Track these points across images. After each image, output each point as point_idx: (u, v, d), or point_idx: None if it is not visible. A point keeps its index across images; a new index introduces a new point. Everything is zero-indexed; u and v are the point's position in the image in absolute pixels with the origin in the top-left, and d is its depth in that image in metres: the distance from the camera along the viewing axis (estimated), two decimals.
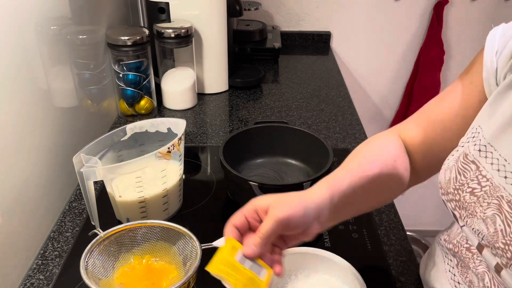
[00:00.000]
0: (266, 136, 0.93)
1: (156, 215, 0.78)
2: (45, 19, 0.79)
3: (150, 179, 0.73)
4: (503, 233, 0.46)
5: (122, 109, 1.14)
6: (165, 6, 1.17)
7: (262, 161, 0.94)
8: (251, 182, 0.75)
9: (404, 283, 0.69)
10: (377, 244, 0.76)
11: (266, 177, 0.89)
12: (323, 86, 1.38)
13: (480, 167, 0.49)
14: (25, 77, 0.72)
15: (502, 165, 0.47)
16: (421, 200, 2.02)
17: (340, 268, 0.64)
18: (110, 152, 0.76)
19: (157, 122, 0.81)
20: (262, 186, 0.75)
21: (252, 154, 0.93)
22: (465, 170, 0.51)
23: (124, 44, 1.03)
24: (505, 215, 0.46)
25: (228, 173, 0.79)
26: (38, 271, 0.71)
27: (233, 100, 1.28)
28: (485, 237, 0.48)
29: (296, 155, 0.93)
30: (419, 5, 1.65)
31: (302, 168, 0.92)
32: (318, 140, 0.87)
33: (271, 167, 0.92)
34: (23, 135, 0.72)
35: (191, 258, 0.63)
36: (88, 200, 0.68)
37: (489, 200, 0.48)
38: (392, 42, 1.73)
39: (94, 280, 0.59)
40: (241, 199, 0.83)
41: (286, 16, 1.71)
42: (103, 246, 0.63)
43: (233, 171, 0.79)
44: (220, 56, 1.27)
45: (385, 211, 0.84)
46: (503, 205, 0.46)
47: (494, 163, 0.48)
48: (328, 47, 1.72)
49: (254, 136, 0.92)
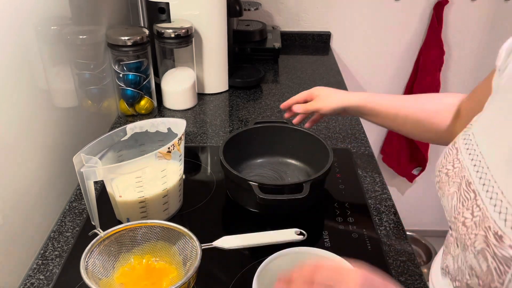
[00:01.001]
0: (266, 136, 0.93)
1: (156, 215, 0.78)
2: (45, 19, 0.79)
3: (150, 179, 0.74)
4: (454, 213, 0.50)
5: (122, 109, 1.14)
6: (165, 6, 1.17)
7: (262, 161, 0.94)
8: (251, 182, 0.75)
9: (404, 283, 0.69)
10: (377, 244, 0.76)
11: (266, 177, 0.89)
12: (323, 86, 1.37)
13: (459, 151, 0.54)
14: (25, 77, 0.72)
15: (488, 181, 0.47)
16: (421, 200, 2.02)
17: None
18: (110, 152, 0.76)
19: (157, 122, 0.81)
20: (262, 186, 0.75)
21: (252, 154, 0.93)
22: (448, 155, 0.56)
23: (124, 44, 1.03)
24: (461, 196, 0.50)
25: (228, 173, 0.79)
26: (38, 271, 0.71)
27: (233, 100, 1.28)
28: (447, 211, 0.53)
29: (296, 155, 0.93)
30: (419, 5, 1.65)
31: (302, 168, 0.92)
32: (318, 140, 0.88)
33: (271, 167, 0.92)
34: (23, 135, 0.72)
35: (191, 258, 0.63)
36: (88, 200, 0.68)
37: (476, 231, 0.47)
38: (392, 42, 1.73)
39: (94, 280, 0.59)
40: (241, 199, 0.83)
41: (286, 16, 1.71)
42: (103, 246, 0.64)
43: (233, 171, 0.79)
44: (220, 56, 1.27)
45: (385, 211, 0.84)
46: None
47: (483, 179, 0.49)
48: (328, 47, 1.72)
49: (254, 136, 0.92)
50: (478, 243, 0.45)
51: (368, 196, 0.88)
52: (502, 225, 0.42)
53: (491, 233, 0.43)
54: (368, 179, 0.94)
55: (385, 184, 0.92)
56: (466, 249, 0.47)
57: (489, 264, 0.43)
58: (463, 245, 0.48)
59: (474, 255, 0.46)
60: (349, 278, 0.48)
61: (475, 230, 0.46)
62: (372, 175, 0.95)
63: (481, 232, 0.45)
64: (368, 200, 0.87)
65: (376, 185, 0.92)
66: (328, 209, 0.84)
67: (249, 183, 0.75)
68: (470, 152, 0.52)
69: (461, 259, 0.50)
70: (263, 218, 0.82)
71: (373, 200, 0.87)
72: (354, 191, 0.89)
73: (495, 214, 0.43)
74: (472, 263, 0.46)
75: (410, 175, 1.91)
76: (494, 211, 0.44)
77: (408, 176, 1.92)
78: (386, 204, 0.86)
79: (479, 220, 0.45)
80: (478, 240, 0.45)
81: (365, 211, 0.84)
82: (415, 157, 1.86)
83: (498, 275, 0.42)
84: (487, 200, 0.45)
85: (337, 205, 0.85)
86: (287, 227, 0.72)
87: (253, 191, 0.74)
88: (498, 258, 0.42)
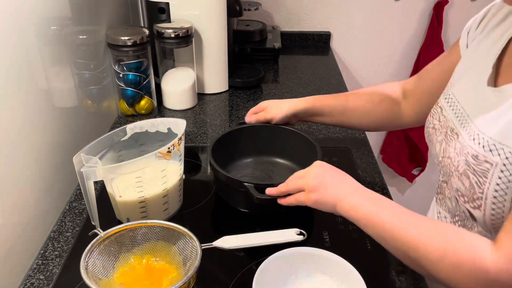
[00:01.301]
0: (251, 136, 0.93)
1: (156, 215, 0.78)
2: (45, 19, 0.79)
3: (150, 179, 0.74)
4: (442, 153, 0.66)
5: (122, 109, 1.14)
6: (165, 6, 1.17)
7: (247, 161, 0.94)
8: (246, 184, 0.75)
9: (404, 283, 0.69)
10: (377, 244, 0.76)
11: (255, 177, 0.89)
12: (323, 86, 1.38)
13: (443, 109, 0.70)
14: (25, 77, 0.72)
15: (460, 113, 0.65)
16: (421, 200, 2.02)
17: (340, 268, 0.64)
18: (110, 152, 0.76)
19: (157, 122, 0.81)
20: (258, 187, 0.74)
21: (238, 155, 0.93)
22: (433, 114, 0.72)
23: (124, 44, 1.03)
24: (447, 139, 0.66)
25: (221, 175, 0.78)
26: (38, 271, 0.71)
27: (233, 100, 1.28)
28: (435, 157, 0.69)
29: (283, 154, 0.93)
30: (419, 5, 1.65)
31: (290, 166, 0.92)
32: (305, 138, 0.87)
33: (257, 167, 0.92)
34: (24, 135, 0.72)
35: (191, 258, 0.63)
36: (88, 200, 0.68)
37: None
38: (392, 42, 1.73)
39: (94, 280, 0.59)
40: (233, 200, 0.82)
41: (286, 16, 1.71)
42: (103, 246, 0.64)
43: (227, 174, 0.78)
44: (220, 56, 1.27)
45: None
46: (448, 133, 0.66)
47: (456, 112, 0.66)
48: (328, 47, 1.72)
49: (240, 137, 0.92)
50: (461, 167, 0.59)
51: None
52: (477, 148, 0.57)
53: (470, 156, 0.58)
54: (368, 179, 0.94)
55: (385, 184, 0.92)
56: (451, 175, 0.62)
57: (470, 181, 0.58)
58: (448, 174, 0.63)
59: (458, 178, 0.60)
60: None
61: (458, 157, 0.61)
62: (372, 175, 0.95)
63: (462, 157, 0.59)
64: None
65: (376, 185, 0.92)
66: None
67: (245, 184, 0.75)
68: (453, 108, 0.67)
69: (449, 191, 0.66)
70: (263, 218, 0.82)
71: None
72: None
73: (470, 142, 0.59)
74: (457, 185, 0.61)
75: (410, 175, 1.91)
76: (469, 139, 0.59)
77: (408, 176, 1.92)
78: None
79: (460, 150, 0.61)
80: (461, 164, 0.59)
81: None
82: (415, 157, 1.87)
83: (479, 186, 0.56)
84: (466, 136, 0.60)
85: None
86: (287, 227, 0.72)
87: (246, 192, 0.74)
88: (478, 173, 0.56)
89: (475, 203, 0.57)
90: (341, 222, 0.81)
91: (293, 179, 0.71)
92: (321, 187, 0.66)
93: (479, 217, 0.58)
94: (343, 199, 0.63)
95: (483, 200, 0.56)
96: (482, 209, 0.56)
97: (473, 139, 0.58)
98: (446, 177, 0.65)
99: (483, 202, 0.56)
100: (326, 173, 0.68)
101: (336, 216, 0.82)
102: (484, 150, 0.56)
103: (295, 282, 0.65)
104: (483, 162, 0.56)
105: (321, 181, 0.66)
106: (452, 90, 0.69)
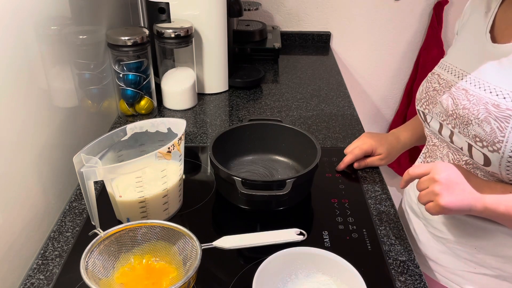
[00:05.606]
0: (259, 133, 0.93)
1: (156, 215, 0.78)
2: (45, 19, 0.79)
3: (150, 179, 0.74)
4: (453, 106, 0.72)
5: (122, 109, 1.14)
6: (165, 6, 1.17)
7: (253, 158, 0.95)
8: (235, 177, 0.75)
9: (404, 283, 0.69)
10: (377, 244, 0.76)
11: (256, 173, 0.90)
12: (323, 86, 1.38)
13: (441, 74, 0.77)
14: (26, 77, 0.72)
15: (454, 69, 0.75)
16: None
17: (340, 268, 0.64)
18: (110, 152, 0.76)
19: (157, 122, 0.81)
20: (245, 182, 0.75)
21: (245, 151, 0.94)
22: (430, 80, 0.79)
23: (124, 44, 1.03)
24: (453, 95, 0.72)
25: (216, 168, 0.80)
26: (38, 271, 0.71)
27: (233, 100, 1.28)
28: (442, 113, 0.74)
29: (288, 153, 0.94)
30: (419, 5, 1.65)
31: (292, 165, 0.92)
32: (309, 139, 0.88)
33: (262, 164, 0.93)
34: (23, 135, 0.72)
35: (191, 258, 0.63)
36: (88, 200, 0.68)
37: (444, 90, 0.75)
38: (392, 42, 1.73)
39: (94, 280, 0.59)
40: (228, 194, 0.83)
41: (286, 16, 1.71)
42: (103, 246, 0.64)
43: (220, 167, 0.79)
44: (220, 56, 1.27)
45: (385, 211, 0.84)
46: (453, 90, 0.73)
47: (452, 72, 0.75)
48: (328, 47, 1.72)
49: (247, 133, 0.93)
50: (481, 114, 0.66)
51: (368, 196, 0.88)
52: (496, 98, 0.65)
53: (489, 105, 0.65)
54: (368, 179, 0.94)
55: (385, 184, 0.92)
56: (470, 124, 0.68)
57: (492, 126, 0.64)
58: (465, 123, 0.69)
59: (478, 124, 0.66)
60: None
61: (476, 106, 0.67)
62: (372, 175, 0.95)
63: (481, 106, 0.66)
64: (368, 200, 0.87)
65: (376, 185, 0.92)
66: (328, 209, 0.84)
67: (233, 177, 0.75)
68: (451, 72, 0.74)
69: (456, 143, 0.72)
70: (263, 218, 0.82)
71: (373, 200, 0.87)
72: (354, 191, 0.89)
73: (487, 94, 0.66)
74: (476, 131, 0.67)
75: None
76: (485, 92, 0.67)
77: None
78: (386, 204, 0.86)
79: (476, 101, 0.67)
80: (481, 112, 0.66)
81: (365, 211, 0.84)
82: (415, 157, 1.86)
83: (500, 131, 0.63)
84: (477, 90, 0.68)
85: (337, 205, 0.85)
86: (287, 227, 0.72)
87: (236, 186, 0.74)
88: (499, 119, 0.64)
89: (494, 147, 0.64)
90: (341, 222, 0.81)
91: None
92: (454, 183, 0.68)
93: (496, 160, 0.65)
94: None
95: (503, 143, 0.63)
96: (501, 152, 0.64)
97: (490, 92, 0.66)
98: (462, 127, 0.70)
99: (503, 145, 0.63)
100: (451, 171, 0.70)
101: (336, 216, 0.82)
102: (506, 100, 0.64)
103: (295, 282, 0.65)
104: (504, 110, 0.63)
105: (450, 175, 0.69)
106: (448, 60, 0.78)
